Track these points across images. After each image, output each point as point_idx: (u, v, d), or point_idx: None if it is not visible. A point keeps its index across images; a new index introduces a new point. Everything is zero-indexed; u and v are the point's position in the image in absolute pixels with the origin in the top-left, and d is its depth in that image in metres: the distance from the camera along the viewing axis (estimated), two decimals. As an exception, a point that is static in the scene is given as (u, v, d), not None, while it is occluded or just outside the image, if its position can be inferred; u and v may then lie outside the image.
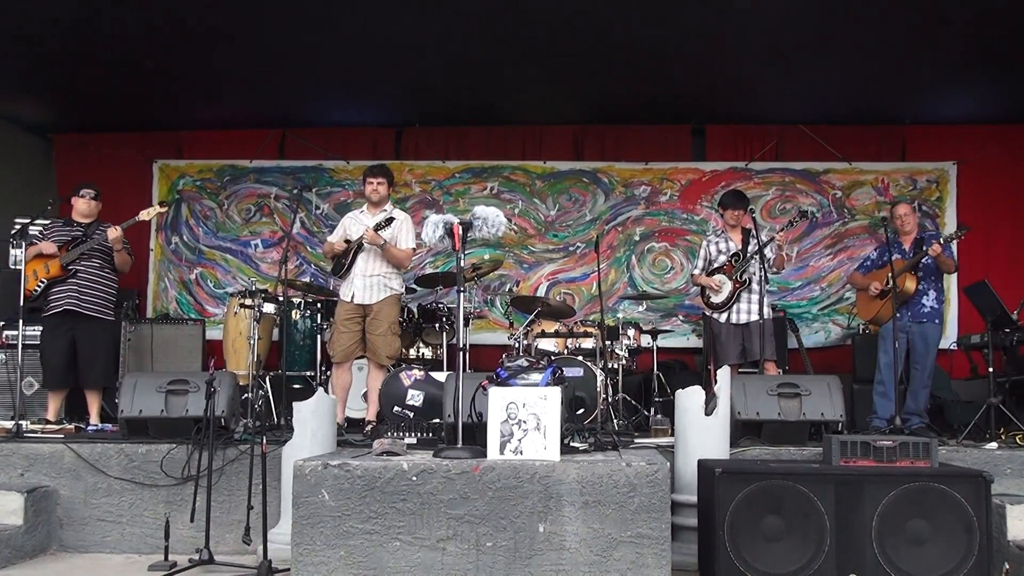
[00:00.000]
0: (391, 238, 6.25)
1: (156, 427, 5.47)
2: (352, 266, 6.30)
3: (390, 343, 6.31)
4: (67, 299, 6.26)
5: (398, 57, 7.18)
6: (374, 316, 6.27)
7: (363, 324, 6.30)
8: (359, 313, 6.28)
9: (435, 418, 5.56)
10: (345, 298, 6.33)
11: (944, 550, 4.00)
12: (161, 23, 6.53)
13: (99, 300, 6.39)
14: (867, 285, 6.64)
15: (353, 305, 6.27)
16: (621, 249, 8.84)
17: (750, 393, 5.43)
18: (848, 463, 4.17)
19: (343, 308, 6.33)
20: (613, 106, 8.51)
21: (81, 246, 6.33)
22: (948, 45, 6.85)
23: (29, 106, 8.51)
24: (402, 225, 6.36)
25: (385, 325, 6.28)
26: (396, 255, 6.31)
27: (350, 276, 6.32)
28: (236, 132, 9.05)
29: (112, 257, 6.45)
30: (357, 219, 6.51)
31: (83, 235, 6.41)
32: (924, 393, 6.45)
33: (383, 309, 6.29)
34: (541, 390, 4.02)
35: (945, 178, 8.63)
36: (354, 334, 6.28)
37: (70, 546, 5.22)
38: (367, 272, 6.28)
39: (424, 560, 3.78)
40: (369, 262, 6.29)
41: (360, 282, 6.28)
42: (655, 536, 3.77)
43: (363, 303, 6.27)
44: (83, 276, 6.33)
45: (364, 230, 6.25)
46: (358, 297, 6.27)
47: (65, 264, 6.28)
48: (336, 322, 6.39)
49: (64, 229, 6.46)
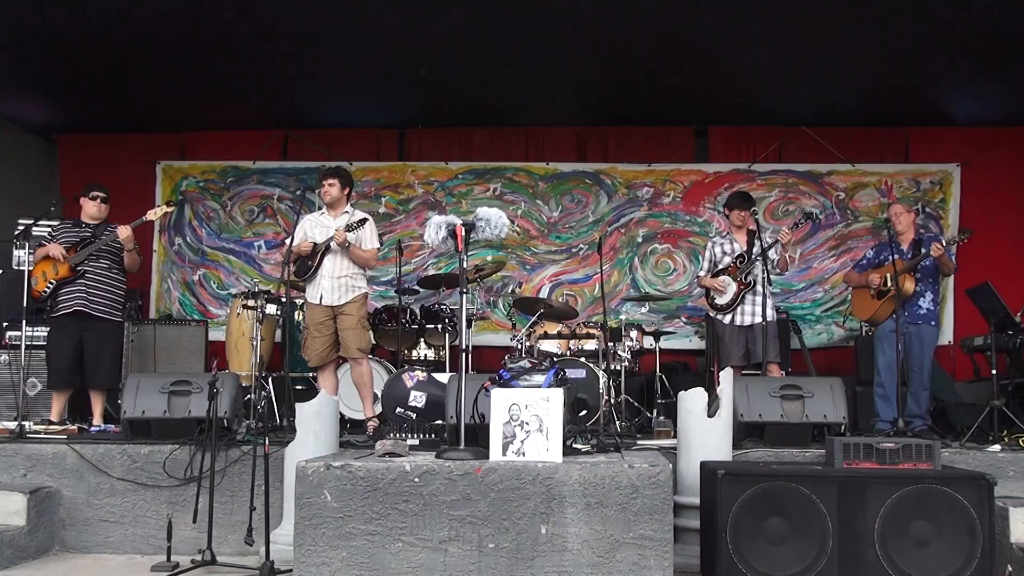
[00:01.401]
0: (356, 240, 6.22)
1: (159, 428, 5.47)
2: (319, 268, 6.27)
3: (360, 336, 6.26)
4: (77, 300, 6.25)
5: (401, 58, 7.19)
6: (343, 314, 6.24)
7: (334, 325, 6.28)
8: (329, 315, 6.24)
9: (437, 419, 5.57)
10: (313, 300, 6.28)
11: (947, 553, 3.99)
12: (164, 25, 6.55)
13: (108, 301, 6.38)
14: (864, 281, 6.62)
15: (322, 307, 6.23)
16: (624, 250, 8.84)
17: (753, 395, 5.42)
18: (851, 465, 4.17)
19: (313, 312, 6.29)
20: (616, 107, 8.52)
21: (89, 247, 6.32)
22: (952, 47, 6.84)
23: (33, 107, 8.52)
24: (368, 226, 6.31)
25: (355, 320, 6.24)
26: (362, 256, 6.28)
27: (317, 278, 6.26)
28: (239, 133, 9.07)
29: (120, 257, 6.44)
30: (317, 221, 6.44)
31: (92, 236, 6.40)
32: (925, 395, 6.44)
33: (352, 307, 6.26)
34: (544, 391, 4.02)
35: (949, 180, 8.62)
36: (327, 337, 6.25)
37: (73, 547, 5.22)
38: (335, 274, 6.24)
39: (426, 561, 3.78)
40: (336, 263, 6.24)
41: (328, 283, 6.23)
42: (657, 538, 3.77)
43: (332, 304, 6.22)
44: (91, 277, 6.32)
45: (329, 232, 6.20)
46: (326, 299, 6.23)
47: (74, 265, 6.27)
48: (308, 327, 6.37)
49: (73, 230, 6.43)
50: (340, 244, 6.12)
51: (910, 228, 6.71)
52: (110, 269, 6.42)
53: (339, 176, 6.40)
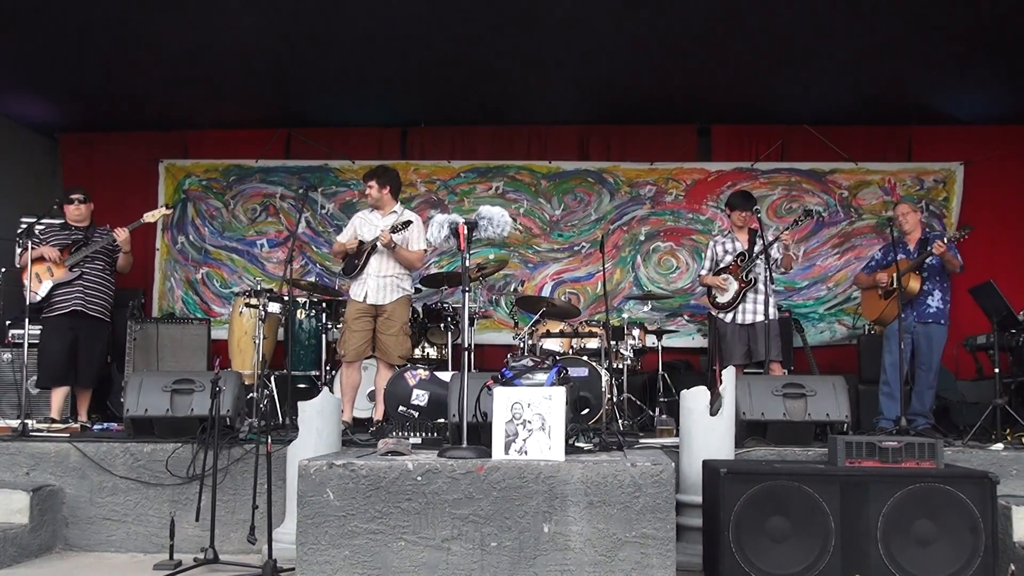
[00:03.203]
0: (403, 240, 6.25)
1: (161, 426, 5.48)
2: (365, 266, 6.30)
3: (402, 343, 6.32)
4: (75, 300, 6.35)
5: (403, 57, 7.19)
6: (387, 316, 6.28)
7: (374, 324, 6.30)
8: (370, 313, 6.29)
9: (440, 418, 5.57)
10: (357, 298, 6.32)
11: (949, 551, 3.99)
12: (166, 23, 6.55)
13: (102, 301, 6.52)
14: (872, 283, 6.63)
15: (365, 305, 6.27)
16: (626, 249, 8.83)
17: (755, 393, 5.42)
18: (853, 464, 4.17)
19: (354, 307, 6.32)
20: (618, 106, 8.50)
21: (84, 249, 6.42)
22: (955, 45, 6.82)
23: (36, 105, 8.52)
24: (414, 227, 6.35)
25: (398, 325, 6.30)
26: (407, 257, 6.33)
27: (363, 276, 6.31)
28: (242, 132, 9.06)
29: (113, 259, 6.58)
30: (367, 219, 6.50)
31: (83, 238, 6.48)
32: (930, 394, 6.43)
33: (396, 310, 6.30)
34: (546, 390, 4.02)
35: (952, 178, 8.60)
36: (365, 333, 6.28)
37: (75, 545, 5.23)
38: (381, 272, 6.29)
39: (429, 560, 3.78)
40: (383, 263, 6.30)
41: (374, 282, 6.28)
42: (660, 536, 3.77)
43: (376, 303, 6.28)
44: (88, 278, 6.44)
45: (376, 231, 6.25)
46: (371, 297, 6.27)
47: (70, 266, 6.35)
48: (347, 321, 6.39)
49: (63, 233, 6.54)
50: (385, 245, 6.15)
51: (917, 227, 6.72)
52: (104, 270, 6.56)
53: (376, 177, 6.45)
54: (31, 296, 6.28)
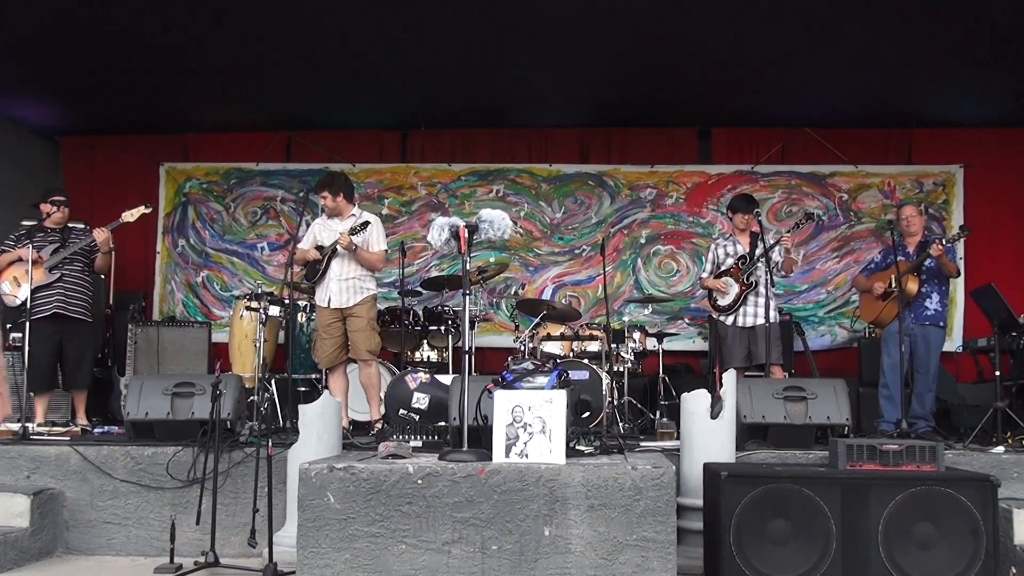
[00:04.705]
0: (362, 242, 6.23)
1: (162, 430, 5.48)
2: (327, 271, 6.29)
3: (369, 337, 6.28)
4: (56, 303, 6.32)
5: (404, 60, 7.19)
6: (353, 316, 6.26)
7: (343, 327, 6.30)
8: (338, 317, 6.27)
9: (440, 421, 5.57)
10: (322, 303, 6.31)
11: (950, 554, 3.98)
12: (168, 26, 6.56)
13: (83, 302, 6.49)
14: (871, 286, 6.64)
15: (331, 310, 6.26)
16: (627, 252, 8.84)
17: (756, 396, 5.42)
18: (854, 467, 4.16)
19: (322, 314, 6.32)
20: (619, 109, 8.51)
21: (62, 251, 6.40)
22: (955, 48, 6.83)
23: (37, 109, 8.53)
24: (372, 228, 6.33)
25: (364, 321, 6.26)
26: (368, 258, 6.29)
27: (325, 281, 6.29)
28: (242, 135, 9.08)
29: (91, 260, 6.54)
30: (326, 225, 6.46)
31: (60, 240, 6.46)
32: (929, 397, 6.43)
33: (361, 309, 6.28)
34: (547, 393, 4.02)
35: (952, 181, 8.61)
36: (336, 339, 6.27)
37: (76, 548, 5.24)
38: (342, 276, 6.26)
39: (429, 563, 3.77)
40: (344, 266, 6.27)
41: (336, 286, 6.26)
42: (660, 539, 3.77)
43: (340, 307, 6.25)
44: (68, 280, 6.40)
45: (336, 235, 6.23)
46: (335, 301, 6.25)
47: (49, 268, 6.32)
48: (317, 329, 6.40)
49: (38, 235, 6.45)
50: (345, 247, 6.14)
51: (920, 230, 6.74)
52: (83, 271, 6.53)
53: (327, 187, 6.37)
54: (10, 300, 6.29)
